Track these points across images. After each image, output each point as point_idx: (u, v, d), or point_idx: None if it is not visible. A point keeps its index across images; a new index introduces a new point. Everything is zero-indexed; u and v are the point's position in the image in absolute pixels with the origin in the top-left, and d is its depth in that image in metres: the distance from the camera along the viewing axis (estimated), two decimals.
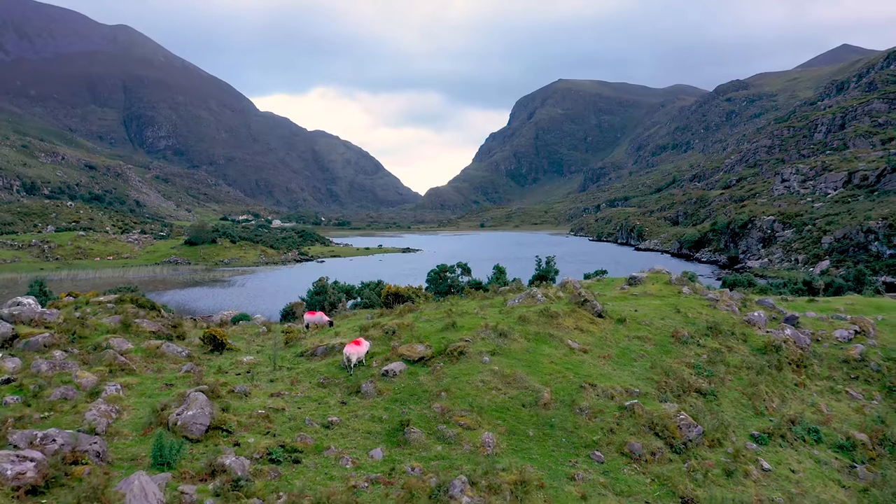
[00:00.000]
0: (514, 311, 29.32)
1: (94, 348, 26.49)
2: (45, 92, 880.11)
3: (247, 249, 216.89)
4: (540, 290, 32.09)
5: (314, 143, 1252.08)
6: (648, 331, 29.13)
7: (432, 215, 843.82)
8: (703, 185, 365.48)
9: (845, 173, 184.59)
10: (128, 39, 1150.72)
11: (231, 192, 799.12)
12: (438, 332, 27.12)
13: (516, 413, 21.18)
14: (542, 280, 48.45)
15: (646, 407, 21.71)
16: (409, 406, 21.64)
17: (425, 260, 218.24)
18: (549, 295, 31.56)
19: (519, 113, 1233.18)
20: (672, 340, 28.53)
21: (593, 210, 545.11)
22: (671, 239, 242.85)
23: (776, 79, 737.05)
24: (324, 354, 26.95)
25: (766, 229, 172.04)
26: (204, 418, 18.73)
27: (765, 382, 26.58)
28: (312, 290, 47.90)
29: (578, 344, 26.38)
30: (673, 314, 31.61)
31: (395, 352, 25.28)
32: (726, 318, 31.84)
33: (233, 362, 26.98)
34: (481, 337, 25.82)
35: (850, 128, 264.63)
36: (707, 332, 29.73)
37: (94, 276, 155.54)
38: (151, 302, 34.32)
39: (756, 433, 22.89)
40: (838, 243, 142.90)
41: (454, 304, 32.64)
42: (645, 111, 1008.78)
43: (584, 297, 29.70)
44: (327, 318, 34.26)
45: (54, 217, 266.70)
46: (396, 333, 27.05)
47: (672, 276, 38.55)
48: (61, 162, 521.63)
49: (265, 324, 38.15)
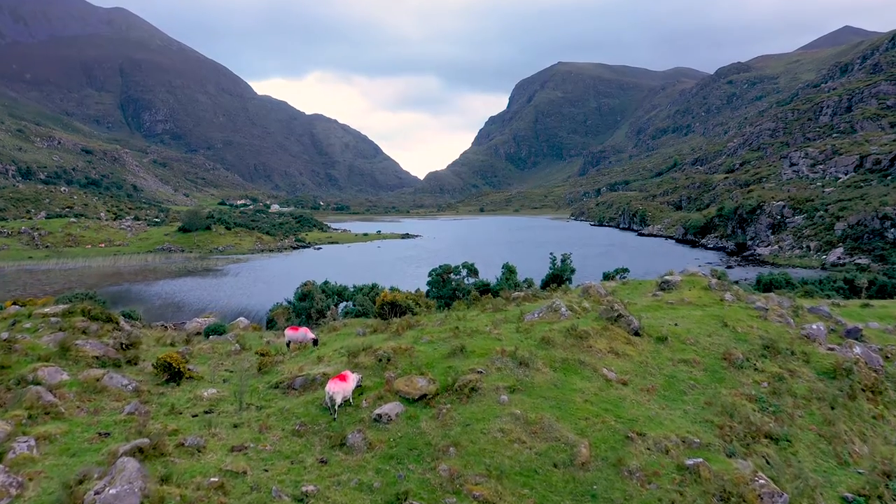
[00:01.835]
0: (535, 330, 24.36)
1: (18, 382, 21.50)
2: (42, 76, 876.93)
3: (242, 236, 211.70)
4: (562, 301, 27.00)
5: (312, 127, 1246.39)
6: (695, 352, 24.26)
7: (431, 199, 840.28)
8: (706, 168, 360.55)
9: (857, 157, 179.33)
10: (124, 22, 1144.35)
11: (229, 177, 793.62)
12: (444, 358, 22.22)
13: (547, 477, 16.29)
14: (557, 282, 43.37)
15: (712, 466, 16.80)
16: (407, 466, 16.74)
17: (425, 246, 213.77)
18: (575, 307, 26.62)
19: (518, 96, 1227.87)
20: (724, 364, 23.63)
21: (594, 194, 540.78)
22: (675, 224, 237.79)
23: (777, 61, 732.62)
24: (303, 388, 22.00)
25: (775, 215, 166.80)
26: (132, 499, 13.84)
27: (842, 418, 21.75)
28: (298, 294, 42.84)
29: (615, 373, 21.51)
30: (719, 328, 26.69)
31: (389, 386, 20.32)
32: (781, 332, 26.93)
33: (191, 398, 22.02)
34: (497, 367, 20.90)
35: (856, 110, 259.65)
36: (763, 351, 24.81)
37: (83, 264, 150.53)
38: (107, 313, 29.41)
39: (849, 496, 18.00)
40: (852, 230, 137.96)
41: (461, 319, 27.59)
42: (645, 94, 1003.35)
43: (617, 312, 24.72)
44: (311, 334, 29.43)
45: (48, 203, 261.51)
46: (392, 361, 22.10)
47: (711, 281, 33.37)
48: (57, 146, 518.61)
49: (240, 338, 33.03)
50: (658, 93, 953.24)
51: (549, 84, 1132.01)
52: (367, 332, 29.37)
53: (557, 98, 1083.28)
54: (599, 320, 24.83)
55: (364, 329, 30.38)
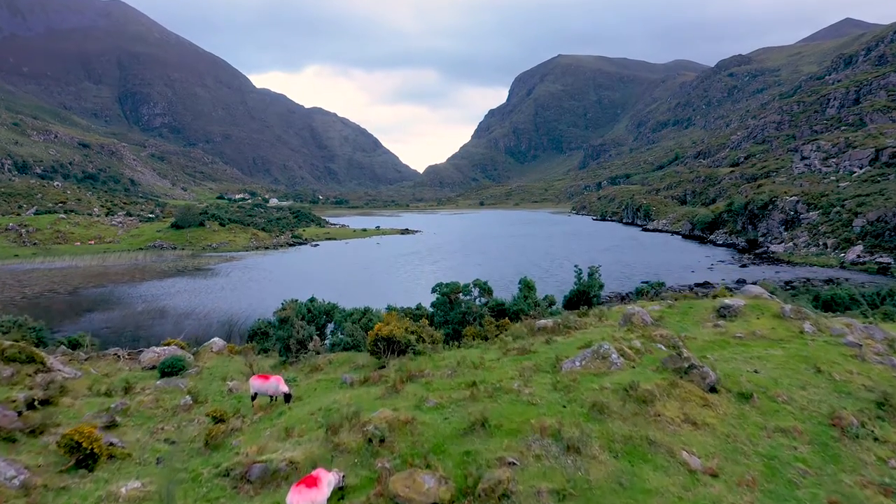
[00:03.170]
0: (580, 388, 18.14)
1: None
2: (39, 69, 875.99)
3: (236, 233, 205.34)
4: (610, 344, 20.72)
5: (311, 121, 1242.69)
6: (792, 415, 18.09)
7: (431, 193, 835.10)
8: (709, 162, 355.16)
9: (872, 150, 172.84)
10: (122, 15, 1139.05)
11: (228, 171, 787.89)
12: (458, 436, 16.06)
13: None
14: (583, 300, 36.93)
15: None
16: None
17: (425, 242, 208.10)
18: (625, 349, 20.44)
19: (518, 89, 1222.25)
20: (834, 433, 17.50)
21: (594, 188, 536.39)
22: (681, 219, 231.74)
23: (778, 53, 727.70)
24: (261, 482, 15.73)
25: (788, 211, 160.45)
26: None
27: None
28: (276, 320, 36.30)
29: (699, 457, 15.40)
30: (812, 376, 20.48)
31: (383, 488, 14.03)
32: (889, 379, 20.79)
33: (101, 497, 15.79)
34: (535, 453, 14.76)
35: (865, 102, 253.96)
36: (878, 411, 18.65)
37: (70, 263, 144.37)
38: (31, 352, 23.19)
39: None
40: (872, 227, 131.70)
41: (478, 367, 21.28)
42: (645, 87, 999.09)
43: (687, 361, 18.43)
44: (284, 386, 23.11)
45: (40, 198, 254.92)
46: (387, 442, 15.94)
47: (784, 307, 26.77)
48: (54, 140, 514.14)
49: (192, 389, 26.48)
50: (658, 85, 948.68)
51: (548, 77, 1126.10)
52: (356, 381, 23.15)
53: (557, 91, 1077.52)
54: (663, 371, 18.66)
55: (351, 377, 24.16)
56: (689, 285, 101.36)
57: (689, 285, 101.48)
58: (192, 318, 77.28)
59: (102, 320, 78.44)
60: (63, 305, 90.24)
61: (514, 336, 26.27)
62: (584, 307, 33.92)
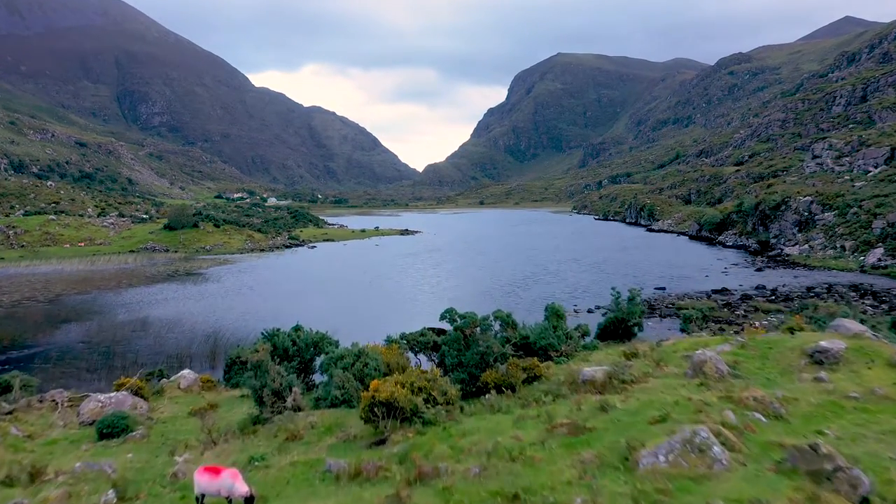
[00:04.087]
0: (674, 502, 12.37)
1: None
2: (37, 68, 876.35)
3: (231, 234, 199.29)
4: (709, 430, 14.25)
5: (310, 120, 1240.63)
6: None
7: (430, 192, 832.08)
8: (712, 161, 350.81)
9: (887, 149, 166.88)
10: (119, 13, 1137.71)
11: (227, 170, 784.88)
12: None
13: None
14: (622, 331, 30.77)
15: None
16: None
17: (425, 243, 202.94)
18: (727, 434, 14.43)
19: (517, 88, 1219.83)
20: None
21: (595, 186, 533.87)
22: (687, 219, 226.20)
23: (779, 51, 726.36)
24: None
25: (802, 211, 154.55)
26: None
27: None
28: (249, 365, 29.45)
29: None
30: None
31: None
32: None
33: None
34: None
35: (873, 100, 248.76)
36: None
37: (56, 267, 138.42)
38: None
39: None
40: (892, 228, 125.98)
41: (517, 457, 14.56)
42: (645, 85, 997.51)
43: (832, 462, 12.36)
44: (242, 486, 15.73)
45: (33, 198, 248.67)
46: None
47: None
48: (51, 139, 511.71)
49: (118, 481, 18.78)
50: (658, 84, 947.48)
51: (548, 75, 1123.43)
52: (344, 472, 16.71)
53: (557, 89, 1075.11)
54: (792, 475, 12.68)
55: (338, 463, 17.41)
56: (707, 292, 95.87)
57: (706, 292, 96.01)
58: (175, 331, 71.45)
59: (79, 333, 72.67)
60: (40, 315, 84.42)
61: (553, 394, 20.20)
62: (624, 340, 28.08)
